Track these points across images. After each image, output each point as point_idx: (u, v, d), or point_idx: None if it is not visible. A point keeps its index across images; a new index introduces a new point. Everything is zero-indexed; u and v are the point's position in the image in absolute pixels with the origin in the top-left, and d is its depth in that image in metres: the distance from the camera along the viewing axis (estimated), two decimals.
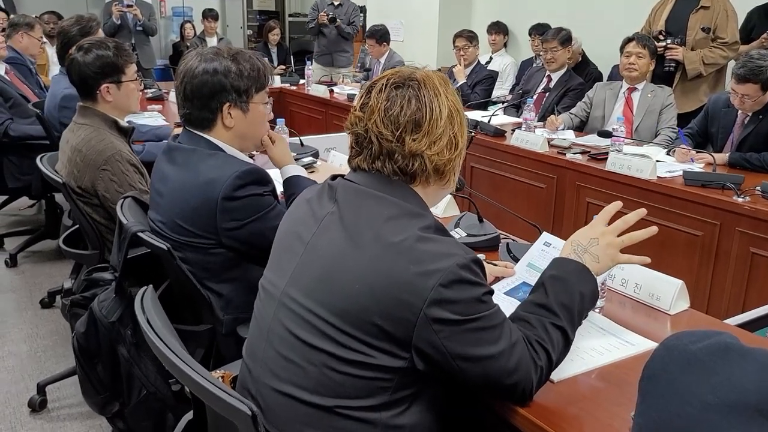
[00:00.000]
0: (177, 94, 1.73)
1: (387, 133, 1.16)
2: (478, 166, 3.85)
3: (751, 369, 0.65)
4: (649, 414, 0.70)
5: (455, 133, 1.21)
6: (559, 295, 1.24)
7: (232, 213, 1.64)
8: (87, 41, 2.35)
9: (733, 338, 0.70)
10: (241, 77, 1.69)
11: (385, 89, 1.19)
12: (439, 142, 1.18)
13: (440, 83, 1.21)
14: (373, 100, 1.19)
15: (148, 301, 1.25)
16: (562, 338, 1.21)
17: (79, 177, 2.21)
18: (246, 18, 9.99)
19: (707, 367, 0.67)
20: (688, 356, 0.70)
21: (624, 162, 3.02)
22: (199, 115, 1.71)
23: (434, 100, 1.18)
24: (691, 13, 4.08)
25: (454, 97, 1.22)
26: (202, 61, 1.68)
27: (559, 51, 4.35)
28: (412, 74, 1.20)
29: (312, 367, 1.12)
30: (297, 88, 5.73)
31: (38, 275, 3.66)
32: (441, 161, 1.19)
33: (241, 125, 1.74)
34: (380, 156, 1.18)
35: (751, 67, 2.96)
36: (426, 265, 1.07)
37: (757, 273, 2.57)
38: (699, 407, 0.65)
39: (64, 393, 2.55)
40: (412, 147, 1.16)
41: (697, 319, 1.60)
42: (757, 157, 3.02)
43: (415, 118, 1.16)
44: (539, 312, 1.23)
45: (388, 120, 1.17)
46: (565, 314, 1.22)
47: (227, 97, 1.69)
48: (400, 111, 1.16)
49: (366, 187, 1.19)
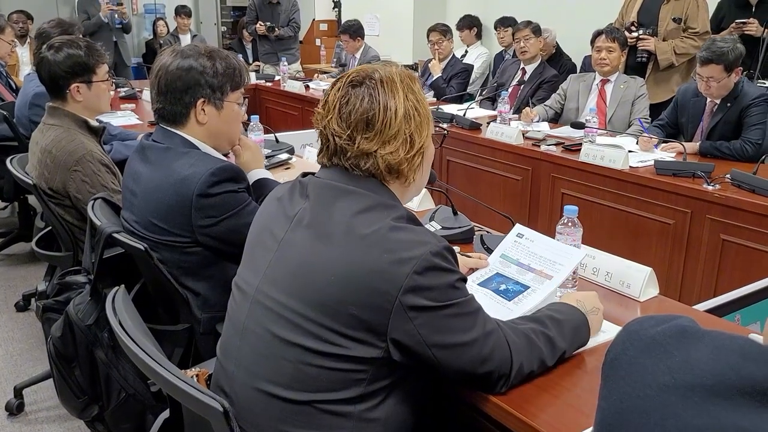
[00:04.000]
0: (151, 89, 1.72)
1: (340, 130, 1.17)
2: (454, 160, 3.87)
3: (707, 350, 0.67)
4: (610, 397, 0.72)
5: (411, 132, 1.20)
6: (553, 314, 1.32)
7: (207, 210, 1.64)
8: (58, 40, 2.31)
9: (690, 321, 0.72)
10: (216, 74, 1.70)
11: (343, 87, 1.19)
12: (393, 141, 1.18)
13: (401, 82, 1.20)
14: (331, 98, 1.20)
15: (119, 302, 1.25)
16: (545, 339, 1.25)
17: (50, 178, 2.18)
18: (220, 14, 9.89)
19: (665, 349, 0.69)
20: (647, 339, 0.71)
21: (597, 153, 3.05)
22: (172, 110, 1.70)
23: (389, 99, 1.18)
24: (662, 4, 4.13)
25: (415, 96, 1.22)
26: (178, 57, 1.68)
27: (531, 40, 4.38)
28: (372, 72, 1.20)
29: (287, 363, 1.13)
30: (272, 85, 5.71)
31: (12, 278, 3.61)
32: (394, 160, 1.19)
33: (214, 123, 1.74)
34: (335, 153, 1.20)
35: (714, 49, 3.02)
36: (399, 254, 1.09)
37: (727, 259, 2.62)
38: (657, 389, 0.67)
39: (42, 396, 2.53)
40: (362, 146, 1.17)
41: (666, 305, 1.64)
42: (727, 146, 3.07)
43: (366, 117, 1.17)
44: (532, 320, 1.29)
45: (341, 118, 1.17)
46: (557, 330, 1.28)
47: (201, 93, 1.69)
48: (353, 109, 1.17)
49: (335, 182, 1.20)
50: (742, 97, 3.11)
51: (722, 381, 0.64)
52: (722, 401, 0.63)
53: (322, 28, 8.95)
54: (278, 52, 6.56)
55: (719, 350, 0.66)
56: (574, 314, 1.34)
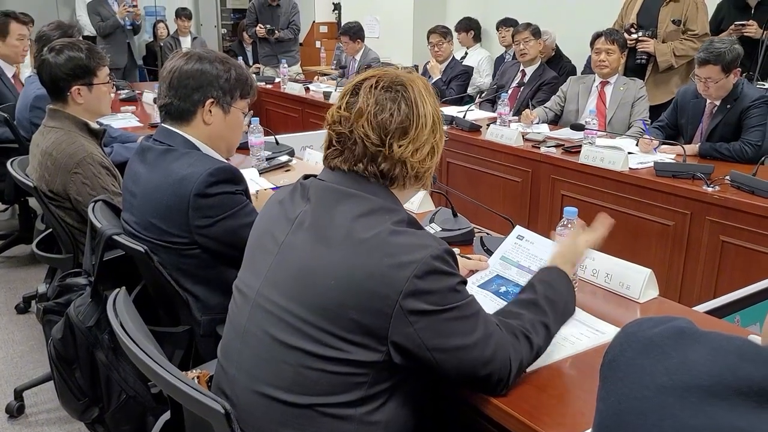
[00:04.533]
0: (161, 84, 1.73)
1: (374, 137, 1.17)
2: (453, 161, 3.87)
3: (704, 351, 0.67)
4: (608, 399, 0.72)
5: (436, 141, 1.23)
6: (547, 292, 1.30)
7: (204, 210, 1.64)
8: (59, 42, 2.31)
9: (688, 323, 0.72)
10: (229, 79, 1.74)
11: (374, 91, 1.18)
12: (422, 149, 1.20)
13: (424, 89, 1.22)
14: (362, 102, 1.18)
15: (120, 304, 1.25)
16: (544, 330, 1.25)
17: (51, 181, 2.18)
18: (220, 16, 9.90)
19: (662, 350, 0.69)
20: (645, 341, 0.72)
21: (596, 154, 3.06)
22: (180, 106, 1.71)
23: (422, 107, 1.19)
24: (661, 6, 4.13)
25: (435, 105, 1.23)
26: (194, 57, 1.72)
27: (531, 42, 4.39)
28: (397, 77, 1.20)
29: (287, 366, 1.13)
30: (273, 87, 5.71)
31: (13, 280, 3.61)
32: (422, 168, 1.21)
33: (219, 125, 1.75)
34: (363, 159, 1.18)
35: (711, 50, 3.03)
36: (399, 258, 1.08)
37: (727, 261, 2.62)
38: (655, 390, 0.67)
39: (42, 398, 2.53)
40: (398, 153, 1.17)
41: (666, 306, 1.64)
42: (726, 147, 3.08)
43: (403, 126, 1.17)
44: (527, 306, 1.28)
45: (377, 124, 1.17)
46: (550, 308, 1.28)
47: (212, 93, 1.72)
48: (390, 117, 1.17)
49: (338, 185, 1.20)
50: (742, 98, 3.11)
51: (719, 382, 0.64)
52: (719, 402, 0.64)
53: (322, 30, 8.96)
54: (278, 55, 6.56)
55: (716, 351, 0.67)
56: (567, 290, 1.34)
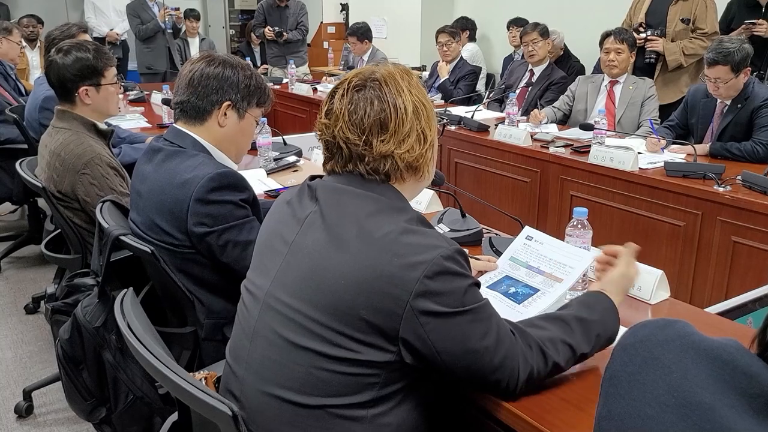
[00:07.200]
0: (179, 82, 1.73)
1: (354, 137, 1.16)
2: (462, 162, 3.86)
3: (706, 365, 0.66)
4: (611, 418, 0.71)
5: (423, 127, 1.20)
6: (581, 312, 1.26)
7: (201, 217, 1.61)
8: (66, 43, 2.32)
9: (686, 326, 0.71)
10: (249, 85, 1.75)
11: (347, 93, 1.18)
12: (407, 139, 1.17)
13: (402, 78, 1.20)
14: (336, 106, 1.18)
15: (127, 305, 1.24)
16: (565, 348, 1.20)
17: (59, 181, 2.19)
18: (228, 17, 9.93)
19: (663, 364, 0.68)
20: (645, 354, 0.70)
21: (606, 154, 3.03)
22: (196, 104, 1.71)
23: (397, 97, 1.17)
24: (670, 5, 4.11)
25: (418, 90, 1.21)
26: (217, 60, 1.73)
27: (539, 43, 4.37)
28: (372, 73, 1.19)
29: (298, 367, 1.12)
30: (280, 87, 5.71)
31: (22, 281, 3.63)
32: (412, 157, 1.19)
33: (232, 129, 1.75)
34: (351, 160, 1.18)
35: (720, 50, 3.01)
36: (410, 258, 1.07)
37: (739, 261, 2.59)
38: (657, 408, 0.66)
39: (51, 398, 2.54)
40: (380, 149, 1.16)
41: (677, 308, 1.62)
42: (737, 147, 3.05)
43: (379, 119, 1.16)
44: (553, 321, 1.23)
45: (353, 125, 1.16)
46: (580, 328, 1.23)
47: (230, 96, 1.72)
48: (364, 114, 1.16)
49: (345, 185, 1.19)
50: (753, 98, 3.08)
51: (720, 399, 0.64)
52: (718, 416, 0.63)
53: (330, 31, 8.96)
54: (286, 55, 6.56)
55: (720, 366, 0.66)
56: (608, 315, 1.28)
